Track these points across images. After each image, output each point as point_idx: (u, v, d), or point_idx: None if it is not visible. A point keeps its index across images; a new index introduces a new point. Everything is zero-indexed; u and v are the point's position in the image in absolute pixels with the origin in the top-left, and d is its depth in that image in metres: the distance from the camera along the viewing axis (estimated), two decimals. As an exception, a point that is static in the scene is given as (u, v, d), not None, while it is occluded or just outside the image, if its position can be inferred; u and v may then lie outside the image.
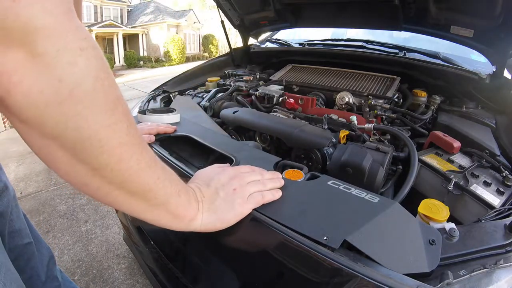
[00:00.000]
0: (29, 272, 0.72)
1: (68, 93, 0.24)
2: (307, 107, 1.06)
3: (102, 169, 0.28)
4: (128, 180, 0.31)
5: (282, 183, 0.52)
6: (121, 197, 0.32)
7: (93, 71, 0.26)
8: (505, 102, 0.95)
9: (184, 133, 0.81)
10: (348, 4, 1.21)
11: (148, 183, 0.33)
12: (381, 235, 0.43)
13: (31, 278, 0.72)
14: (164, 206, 0.37)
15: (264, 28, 1.65)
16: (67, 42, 0.24)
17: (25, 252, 0.71)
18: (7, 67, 0.22)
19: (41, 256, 0.76)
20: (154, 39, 17.69)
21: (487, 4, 0.87)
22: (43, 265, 0.76)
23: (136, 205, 0.34)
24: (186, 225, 0.41)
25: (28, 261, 0.72)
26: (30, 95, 0.23)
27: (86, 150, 0.27)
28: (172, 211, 0.38)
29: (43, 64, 0.23)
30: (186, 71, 1.50)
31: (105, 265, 1.45)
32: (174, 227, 0.40)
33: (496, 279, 0.40)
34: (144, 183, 0.32)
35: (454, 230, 0.47)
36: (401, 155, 0.76)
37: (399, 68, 1.21)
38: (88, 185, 0.30)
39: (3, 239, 0.59)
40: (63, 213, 1.91)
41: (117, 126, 0.28)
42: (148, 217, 0.37)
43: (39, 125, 0.25)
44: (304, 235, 0.44)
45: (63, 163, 0.28)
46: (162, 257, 0.87)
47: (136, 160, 0.31)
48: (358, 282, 0.38)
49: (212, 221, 0.44)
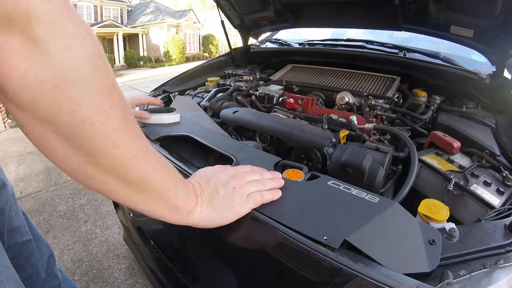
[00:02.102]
0: (29, 269, 0.72)
1: (63, 77, 0.25)
2: (307, 107, 1.06)
3: (95, 155, 0.28)
4: (123, 168, 0.31)
5: (282, 183, 0.52)
6: (116, 186, 0.32)
7: (88, 56, 0.26)
8: (505, 102, 0.95)
9: (184, 133, 0.81)
10: (348, 4, 1.21)
11: (144, 173, 0.33)
12: (381, 235, 0.43)
13: (31, 275, 0.72)
14: (161, 197, 0.36)
15: (264, 28, 1.65)
16: (65, 28, 0.24)
17: (25, 249, 0.71)
18: (7, 54, 0.23)
19: (40, 253, 0.77)
20: (154, 39, 17.69)
21: (487, 4, 0.87)
22: (43, 263, 0.77)
23: (132, 195, 0.34)
24: (184, 218, 0.41)
25: (28, 258, 0.72)
26: (26, 79, 0.24)
27: (79, 134, 0.27)
28: (170, 202, 0.38)
29: (40, 49, 0.23)
30: (186, 71, 1.50)
31: (105, 265, 1.45)
32: (171, 220, 0.40)
33: (496, 279, 0.40)
34: (140, 172, 0.32)
35: (454, 230, 0.47)
36: (401, 155, 0.76)
37: (399, 68, 1.21)
38: (83, 172, 0.30)
39: (1, 237, 0.60)
40: (63, 213, 1.91)
41: (112, 111, 0.28)
42: (145, 208, 0.36)
43: (34, 109, 0.25)
44: (304, 234, 0.44)
45: (58, 149, 0.28)
46: (162, 257, 0.87)
47: (131, 148, 0.31)
48: (358, 282, 0.38)
49: (210, 217, 0.44)
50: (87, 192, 2.13)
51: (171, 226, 0.80)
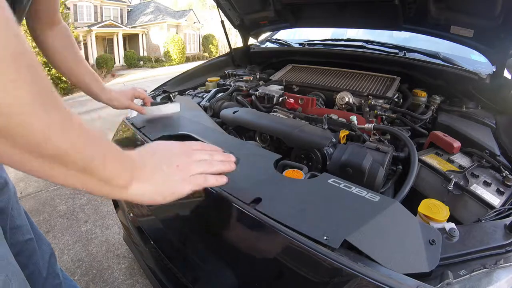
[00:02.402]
0: (31, 267, 0.72)
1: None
2: (307, 107, 1.06)
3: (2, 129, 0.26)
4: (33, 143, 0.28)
5: (232, 167, 0.49)
6: (34, 162, 0.30)
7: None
8: (505, 102, 0.95)
9: (184, 132, 0.81)
10: (348, 4, 1.21)
11: (63, 146, 0.30)
12: (381, 234, 0.43)
13: (33, 273, 0.73)
14: (87, 171, 0.34)
15: (264, 28, 1.65)
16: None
17: (26, 248, 0.71)
18: None
19: (42, 252, 0.77)
20: (154, 39, 17.68)
21: (487, 4, 0.87)
22: (44, 261, 0.77)
23: (54, 171, 0.31)
24: (117, 193, 0.38)
25: (30, 257, 0.72)
26: None
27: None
28: (98, 176, 0.35)
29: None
30: (186, 71, 1.50)
31: (105, 265, 1.45)
32: (104, 194, 0.37)
33: (496, 279, 0.40)
34: (57, 146, 0.30)
35: (454, 230, 0.47)
36: (401, 155, 0.76)
37: (399, 68, 1.21)
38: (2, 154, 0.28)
39: (4, 235, 0.60)
40: (63, 213, 1.90)
41: (17, 83, 0.25)
42: (70, 183, 0.34)
43: None
44: (304, 234, 0.44)
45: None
46: (162, 257, 0.87)
47: (44, 121, 0.28)
48: (358, 282, 0.38)
49: (148, 193, 0.41)
50: (87, 192, 2.13)
51: (171, 226, 0.80)
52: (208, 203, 0.64)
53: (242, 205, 0.53)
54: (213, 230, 0.64)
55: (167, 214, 0.79)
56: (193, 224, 0.71)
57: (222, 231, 0.62)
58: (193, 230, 0.71)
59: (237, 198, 0.54)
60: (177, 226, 0.78)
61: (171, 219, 0.78)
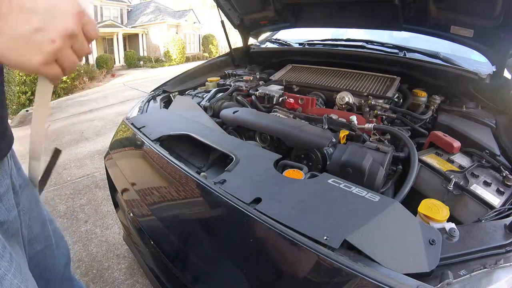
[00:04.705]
0: (46, 275, 0.71)
1: None
2: (307, 107, 1.06)
3: None
4: None
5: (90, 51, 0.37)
6: None
7: None
8: (505, 102, 0.95)
9: (184, 132, 0.81)
10: (348, 4, 1.21)
11: None
12: (381, 234, 0.43)
13: (49, 281, 0.72)
14: None
15: (264, 28, 1.65)
16: None
17: (44, 255, 0.70)
18: None
19: (59, 257, 0.76)
20: (154, 39, 17.68)
21: (487, 4, 0.87)
22: (61, 266, 0.77)
23: None
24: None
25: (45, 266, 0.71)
26: None
27: None
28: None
29: None
30: (186, 71, 1.50)
31: (105, 265, 1.45)
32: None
33: (496, 279, 0.40)
34: None
35: (454, 230, 0.47)
36: (401, 155, 0.76)
37: (399, 68, 1.21)
38: None
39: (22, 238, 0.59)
40: (63, 213, 1.90)
41: None
42: None
43: None
44: (304, 234, 0.44)
45: None
46: (162, 257, 0.87)
47: None
48: (358, 282, 0.38)
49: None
50: (87, 192, 2.13)
51: (171, 226, 0.80)
52: (208, 203, 0.64)
53: (242, 205, 0.53)
54: (213, 230, 0.64)
55: (167, 214, 0.79)
56: (193, 224, 0.71)
57: (222, 231, 0.61)
58: (193, 230, 0.71)
59: (237, 198, 0.54)
60: (177, 226, 0.78)
61: (171, 219, 0.78)
